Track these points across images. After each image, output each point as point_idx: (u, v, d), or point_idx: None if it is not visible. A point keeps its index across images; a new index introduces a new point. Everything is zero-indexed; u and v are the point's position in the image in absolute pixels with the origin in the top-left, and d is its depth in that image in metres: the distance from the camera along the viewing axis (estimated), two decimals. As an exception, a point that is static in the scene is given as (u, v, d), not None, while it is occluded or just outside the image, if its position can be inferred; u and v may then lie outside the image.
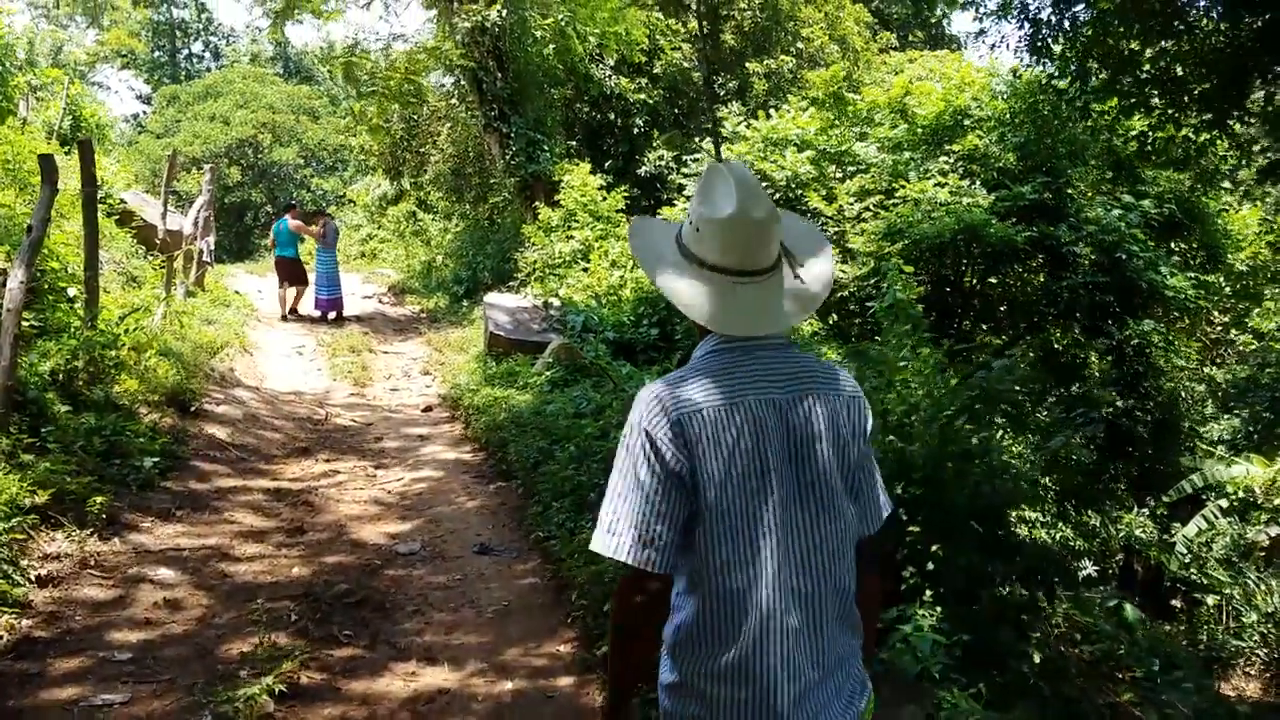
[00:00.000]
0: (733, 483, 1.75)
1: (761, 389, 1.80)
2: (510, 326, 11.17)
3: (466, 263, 17.92)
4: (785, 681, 1.76)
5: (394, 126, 18.58)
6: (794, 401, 1.81)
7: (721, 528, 1.75)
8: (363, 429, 9.40)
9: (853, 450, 1.86)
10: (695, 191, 1.90)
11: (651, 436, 1.76)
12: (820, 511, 1.81)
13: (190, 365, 9.52)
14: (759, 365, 1.82)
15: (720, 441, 1.75)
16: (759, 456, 1.76)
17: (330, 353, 12.99)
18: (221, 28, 46.32)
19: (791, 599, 1.78)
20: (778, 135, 14.23)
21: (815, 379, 1.85)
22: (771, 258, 1.85)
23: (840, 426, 1.85)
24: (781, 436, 1.79)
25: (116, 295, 10.38)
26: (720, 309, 1.82)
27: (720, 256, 1.82)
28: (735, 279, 1.82)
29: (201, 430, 8.13)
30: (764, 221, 1.81)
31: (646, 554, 1.74)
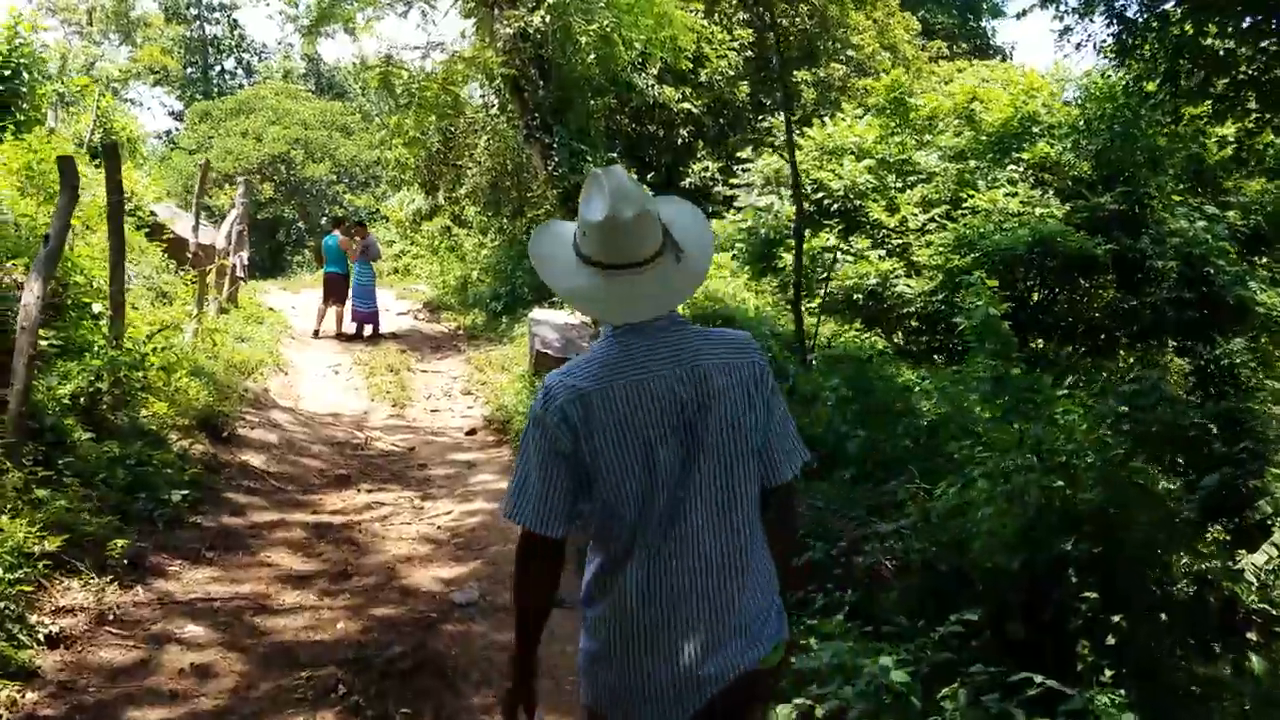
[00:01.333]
0: (620, 454, 1.94)
1: (649, 366, 1.97)
2: (558, 344, 10.53)
3: (504, 278, 17.30)
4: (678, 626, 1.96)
5: (430, 139, 18.05)
6: (683, 374, 1.97)
7: (613, 495, 1.96)
8: (405, 454, 8.76)
9: (750, 409, 2.02)
10: (580, 196, 2.06)
11: (543, 422, 1.97)
12: (718, 470, 1.98)
13: (223, 386, 8.94)
14: (648, 346, 1.99)
15: (606, 420, 1.93)
16: (644, 427, 1.94)
17: (367, 371, 12.40)
18: (254, 44, 46.28)
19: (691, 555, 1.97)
20: (834, 144, 13.55)
21: (706, 349, 2.02)
22: (648, 250, 2.00)
23: (732, 389, 2.00)
24: (671, 406, 1.96)
25: (145, 311, 9.83)
26: (605, 301, 2.01)
27: (603, 254, 1.99)
28: (617, 272, 1.99)
29: (235, 457, 7.52)
30: (633, 220, 1.97)
31: (538, 520, 1.98)
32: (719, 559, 1.99)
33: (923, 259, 12.22)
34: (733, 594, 1.99)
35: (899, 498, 5.24)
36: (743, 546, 2.01)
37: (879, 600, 3.95)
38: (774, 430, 2.09)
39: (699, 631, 1.97)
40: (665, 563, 1.97)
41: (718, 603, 1.98)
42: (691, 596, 1.97)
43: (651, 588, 1.98)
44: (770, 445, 2.08)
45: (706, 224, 2.22)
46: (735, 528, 2.01)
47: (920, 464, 5.80)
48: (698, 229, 2.17)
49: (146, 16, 43.39)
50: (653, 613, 1.97)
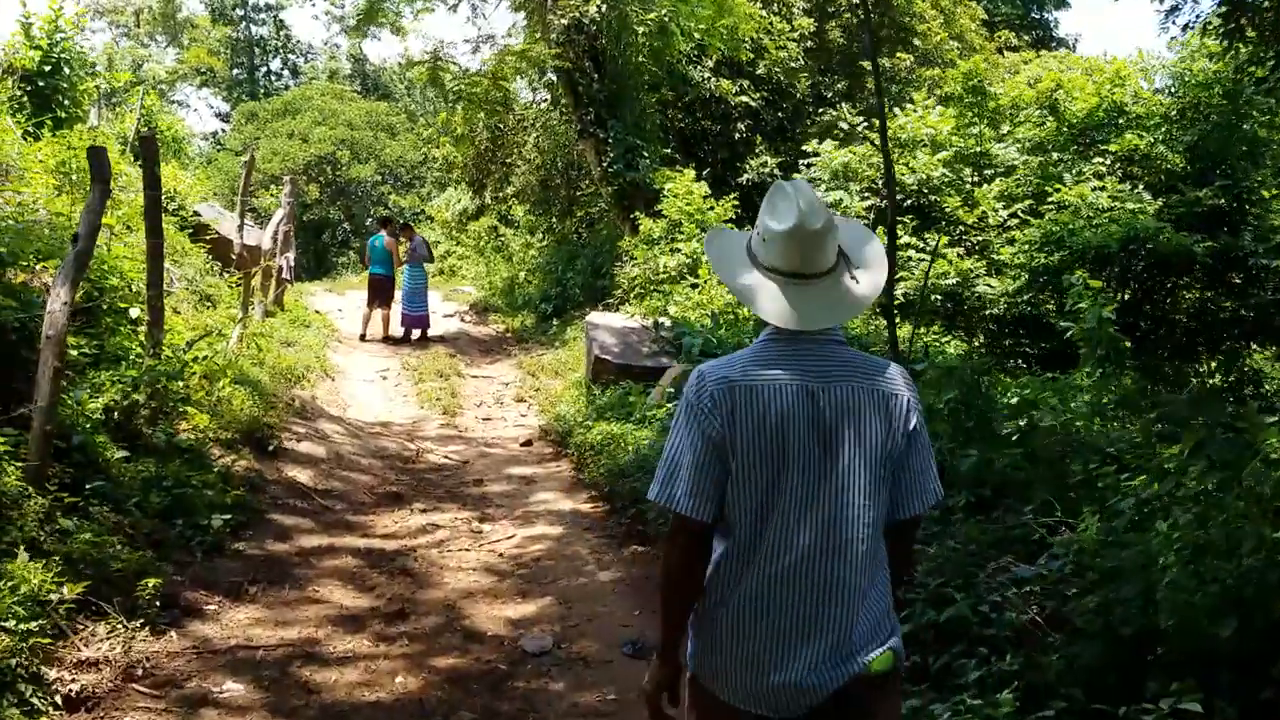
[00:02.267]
0: (755, 451, 1.97)
1: (795, 375, 1.99)
2: (617, 350, 9.92)
3: (555, 279, 16.76)
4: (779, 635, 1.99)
5: (479, 136, 17.56)
6: (826, 390, 1.99)
7: (742, 491, 1.99)
8: (459, 468, 8.20)
9: (890, 439, 2.02)
10: (763, 204, 2.10)
11: (694, 407, 2.00)
12: (844, 490, 1.98)
13: (269, 395, 8.45)
14: (799, 356, 2.02)
15: (749, 414, 1.97)
16: (781, 432, 1.97)
17: (416, 377, 11.89)
18: (300, 45, 46.26)
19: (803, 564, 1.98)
20: (907, 135, 12.79)
21: (854, 371, 2.03)
22: (827, 263, 2.06)
23: (874, 418, 2.00)
24: (810, 419, 1.98)
25: (188, 316, 9.38)
26: (779, 305, 2.03)
27: (782, 262, 2.05)
28: (794, 281, 2.03)
29: (281, 473, 7.00)
30: (819, 233, 2.03)
31: (693, 503, 1.99)
32: (831, 577, 2.00)
33: (1004, 257, 11.44)
34: (841, 613, 2.00)
35: (1032, 532, 4.54)
36: (856, 571, 2.01)
37: (1042, 668, 3.28)
38: (910, 464, 2.08)
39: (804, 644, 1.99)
40: (777, 571, 2.00)
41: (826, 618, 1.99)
42: (801, 609, 1.99)
43: (764, 592, 2.01)
44: (904, 478, 2.08)
45: (881, 247, 2.22)
46: (853, 549, 2.00)
47: (1047, 490, 5.09)
48: (873, 250, 2.19)
49: (193, 18, 43.56)
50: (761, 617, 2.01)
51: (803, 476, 1.98)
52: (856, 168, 12.65)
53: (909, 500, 2.09)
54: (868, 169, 12.54)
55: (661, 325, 10.23)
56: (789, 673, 1.97)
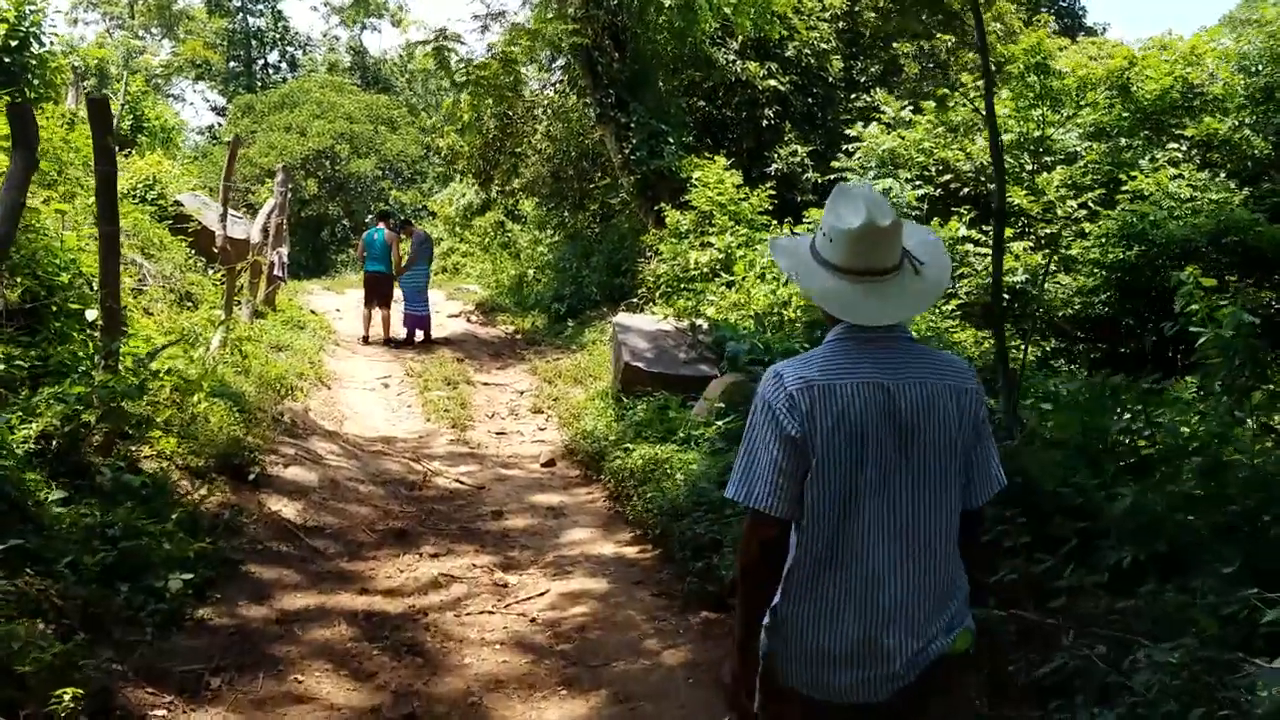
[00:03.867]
0: (834, 449, 1.99)
1: (870, 373, 2.02)
2: (651, 355, 8.76)
3: (569, 277, 15.61)
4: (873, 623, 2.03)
5: (486, 124, 16.39)
6: (902, 386, 2.01)
7: (822, 488, 2.00)
8: (474, 495, 7.05)
9: (961, 432, 2.05)
10: (827, 206, 2.13)
11: (772, 407, 2.02)
12: (922, 484, 2.02)
13: (253, 409, 7.30)
14: (872, 353, 2.05)
15: (827, 412, 1.98)
16: (860, 429, 1.99)
17: (421, 385, 10.74)
18: (298, 37, 45.07)
19: (886, 558, 2.02)
20: (960, 118, 11.64)
21: (926, 367, 2.05)
22: (894, 260, 2.08)
23: (947, 411, 2.04)
24: (886, 415, 2.00)
25: (162, 318, 8.24)
26: (849, 303, 2.06)
27: (850, 261, 2.06)
28: (864, 279, 2.06)
29: (263, 508, 5.85)
30: (888, 230, 2.05)
31: (770, 501, 2.01)
32: (914, 571, 2.03)
33: (1075, 252, 10.30)
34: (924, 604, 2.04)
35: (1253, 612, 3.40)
36: (939, 563, 2.06)
37: None
38: (978, 455, 2.12)
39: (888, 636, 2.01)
40: (860, 567, 2.02)
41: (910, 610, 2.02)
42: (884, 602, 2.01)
43: (850, 587, 2.02)
44: (973, 469, 2.12)
45: (942, 245, 2.25)
46: (933, 542, 2.04)
47: (1239, 548, 3.94)
48: (935, 247, 2.21)
49: (189, 9, 42.37)
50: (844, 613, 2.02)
51: (881, 473, 2.00)
52: (904, 154, 11.48)
53: (978, 490, 2.13)
54: (918, 155, 11.38)
55: (699, 328, 9.06)
56: (878, 665, 2.02)
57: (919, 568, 2.02)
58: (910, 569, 2.02)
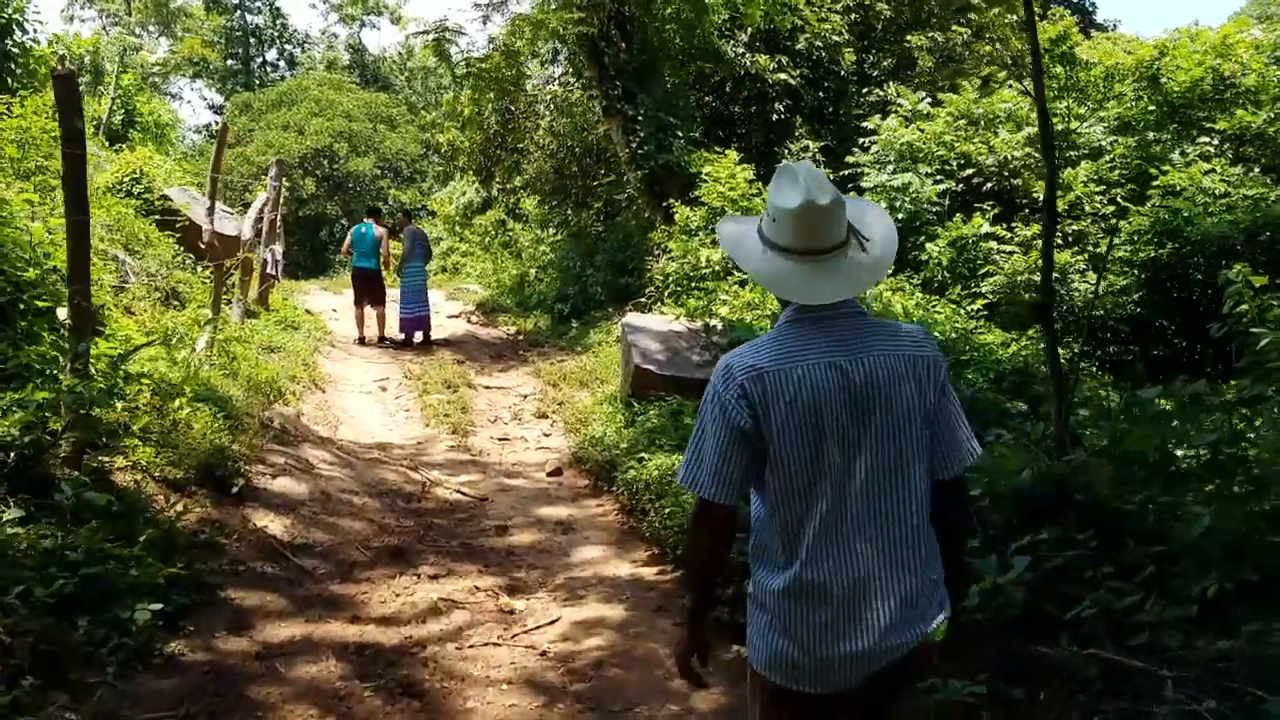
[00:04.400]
0: (790, 433, 1.99)
1: (824, 352, 2.02)
2: (662, 358, 8.29)
3: (573, 277, 15.14)
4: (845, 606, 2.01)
5: (488, 119, 15.92)
6: (856, 362, 2.01)
7: (784, 471, 2.02)
8: (476, 508, 6.58)
9: (922, 401, 2.04)
10: (770, 186, 2.10)
11: (721, 399, 2.03)
12: (885, 459, 2.01)
13: (240, 415, 6.84)
14: (825, 331, 2.04)
15: (779, 399, 1.99)
16: (815, 410, 1.99)
17: (420, 388, 10.26)
18: (296, 34, 44.60)
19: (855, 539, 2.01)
20: (983, 110, 11.18)
21: (880, 339, 2.05)
22: (838, 237, 2.05)
23: (906, 379, 2.02)
24: (843, 393, 2.00)
25: (145, 318, 7.77)
26: (797, 284, 2.04)
27: (794, 240, 2.04)
28: (807, 258, 2.04)
29: (247, 524, 5.38)
30: (828, 207, 2.02)
31: (714, 489, 2.04)
32: (885, 544, 2.02)
33: (1104, 249, 9.83)
34: (899, 578, 2.02)
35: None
36: (909, 535, 2.04)
37: None
38: (945, 423, 2.09)
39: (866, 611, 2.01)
40: (831, 544, 2.02)
41: (885, 585, 2.01)
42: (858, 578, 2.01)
43: (817, 568, 2.01)
44: (941, 438, 2.09)
45: (889, 219, 2.23)
46: (902, 514, 2.03)
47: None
48: (882, 223, 2.19)
49: (186, 7, 41.87)
50: (818, 591, 2.01)
51: (843, 452, 2.00)
52: (924, 147, 11.02)
53: (949, 459, 2.10)
54: (938, 148, 10.91)
55: (713, 329, 8.59)
56: (857, 641, 2.00)
57: (890, 547, 2.02)
58: (880, 549, 2.01)
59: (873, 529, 2.00)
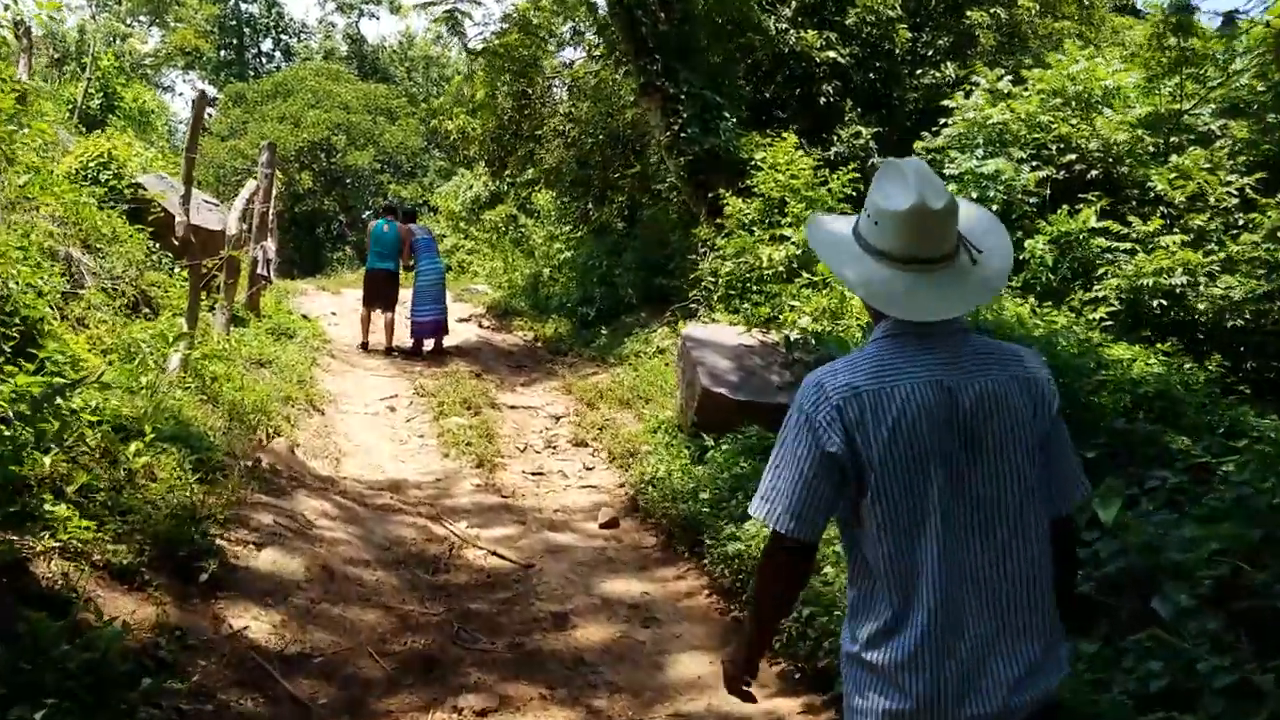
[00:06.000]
0: (894, 463, 1.78)
1: (928, 372, 1.82)
2: (735, 379, 6.82)
3: (598, 277, 13.68)
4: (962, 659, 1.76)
5: (502, 104, 14.44)
6: (964, 384, 1.82)
7: (886, 507, 1.79)
8: (520, 579, 5.10)
9: (1034, 430, 1.85)
10: (873, 184, 1.91)
11: (811, 420, 1.81)
12: (1003, 491, 1.81)
13: (218, 456, 5.37)
14: (927, 350, 1.84)
15: (879, 424, 1.78)
16: (919, 439, 1.78)
17: (436, 408, 8.80)
18: (293, 24, 43.01)
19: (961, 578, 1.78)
20: (1080, 87, 9.71)
21: (991, 362, 1.86)
22: (949, 246, 1.86)
23: (1018, 405, 1.84)
24: (949, 418, 1.80)
25: (102, 331, 6.29)
26: (900, 296, 1.84)
27: (899, 247, 1.84)
28: (914, 267, 1.83)
29: (220, 624, 3.90)
30: (942, 212, 1.83)
31: (792, 524, 1.81)
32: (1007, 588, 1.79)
33: (1234, 250, 8.37)
34: (1026, 626, 1.80)
35: None
36: (1032, 578, 1.81)
37: None
38: (1056, 456, 1.89)
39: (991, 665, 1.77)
40: (944, 590, 1.76)
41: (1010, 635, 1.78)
42: (978, 627, 1.77)
43: (931, 618, 1.76)
44: (1055, 470, 1.89)
45: (1004, 230, 2.01)
46: (1023, 556, 1.81)
47: None
48: (995, 231, 1.97)
49: (178, -6, 40.25)
50: (934, 645, 1.76)
51: (952, 484, 1.78)
52: (1015, 129, 9.55)
53: (1063, 494, 1.92)
54: (1033, 131, 9.44)
55: (795, 343, 7.11)
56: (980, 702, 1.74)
57: (1013, 591, 1.78)
58: (1003, 592, 1.78)
59: (992, 572, 1.77)
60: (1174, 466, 5.27)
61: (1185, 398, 6.50)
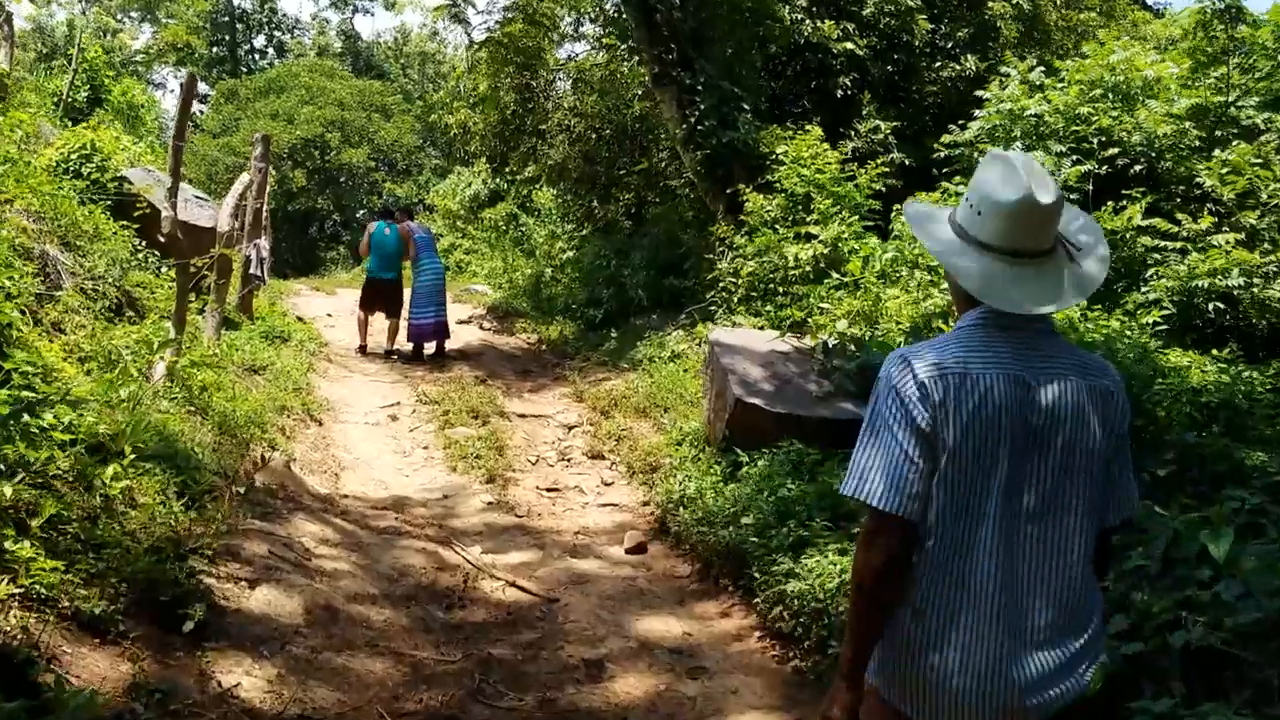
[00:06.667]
0: (967, 450, 1.76)
1: (1009, 366, 1.80)
2: (770, 388, 6.28)
3: (605, 277, 13.15)
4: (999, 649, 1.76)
5: (505, 98, 13.87)
6: (1042, 383, 1.80)
7: (951, 491, 1.77)
8: (545, 617, 4.56)
9: (1105, 439, 1.83)
10: (977, 173, 1.90)
11: (900, 394, 1.79)
12: (1059, 490, 1.80)
13: (207, 477, 4.82)
14: (1012, 344, 1.82)
15: (961, 407, 1.76)
16: (995, 429, 1.77)
17: (441, 417, 8.25)
18: (286, 20, 42.40)
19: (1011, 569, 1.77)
20: (1121, 78, 9.20)
21: (1070, 365, 1.84)
22: (1050, 241, 1.85)
23: (1091, 415, 1.82)
24: (1023, 415, 1.79)
25: (79, 337, 5.72)
26: (997, 286, 1.82)
27: (1002, 239, 1.82)
28: (1015, 260, 1.82)
29: (207, 682, 3.35)
30: (1050, 207, 1.81)
31: (894, 499, 1.77)
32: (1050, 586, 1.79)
33: (1290, 249, 7.85)
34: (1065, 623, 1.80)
35: None
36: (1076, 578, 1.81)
37: None
38: (1117, 469, 1.89)
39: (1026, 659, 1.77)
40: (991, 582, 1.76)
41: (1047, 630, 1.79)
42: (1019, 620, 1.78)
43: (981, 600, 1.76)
44: (1115, 482, 1.89)
45: (1099, 228, 2.00)
46: (1070, 558, 1.81)
47: None
48: (1093, 231, 1.96)
49: (170, -10, 39.58)
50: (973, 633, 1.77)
51: (1015, 475, 1.78)
52: (1052, 121, 9.03)
53: (1117, 506, 1.91)
54: (1074, 124, 8.92)
55: (833, 349, 6.57)
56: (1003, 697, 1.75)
57: (1054, 585, 1.79)
58: (1044, 586, 1.78)
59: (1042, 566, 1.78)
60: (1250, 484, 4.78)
61: (1251, 408, 5.99)
